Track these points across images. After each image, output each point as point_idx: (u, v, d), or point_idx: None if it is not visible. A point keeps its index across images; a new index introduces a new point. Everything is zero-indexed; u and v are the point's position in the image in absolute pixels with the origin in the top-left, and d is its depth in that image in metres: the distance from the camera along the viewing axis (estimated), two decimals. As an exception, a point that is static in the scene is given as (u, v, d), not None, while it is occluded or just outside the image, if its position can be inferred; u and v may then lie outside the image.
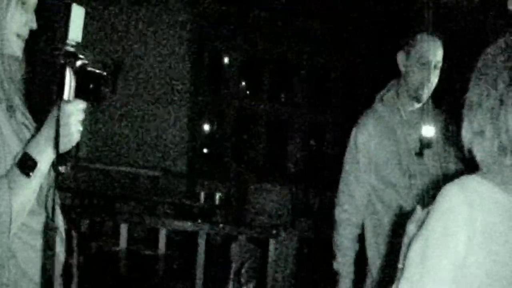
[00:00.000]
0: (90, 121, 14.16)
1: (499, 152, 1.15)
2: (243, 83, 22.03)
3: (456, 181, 1.15)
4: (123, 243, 4.93)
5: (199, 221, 5.10)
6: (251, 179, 11.44)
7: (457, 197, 1.11)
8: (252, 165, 19.07)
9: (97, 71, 1.30)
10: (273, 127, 21.47)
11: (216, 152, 20.32)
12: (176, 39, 16.75)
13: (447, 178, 1.22)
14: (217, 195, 11.64)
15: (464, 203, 1.10)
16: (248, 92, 22.02)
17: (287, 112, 21.52)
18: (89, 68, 1.29)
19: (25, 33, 1.37)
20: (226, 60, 21.50)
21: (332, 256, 2.45)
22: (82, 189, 9.64)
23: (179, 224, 4.79)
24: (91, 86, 1.30)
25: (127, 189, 11.78)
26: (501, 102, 1.15)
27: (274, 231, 4.53)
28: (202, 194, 12.10)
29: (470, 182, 1.14)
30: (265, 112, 21.51)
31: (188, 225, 4.66)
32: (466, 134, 1.21)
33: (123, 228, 4.91)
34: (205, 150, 20.24)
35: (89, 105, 1.36)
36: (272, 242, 4.42)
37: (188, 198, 12.53)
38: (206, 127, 20.76)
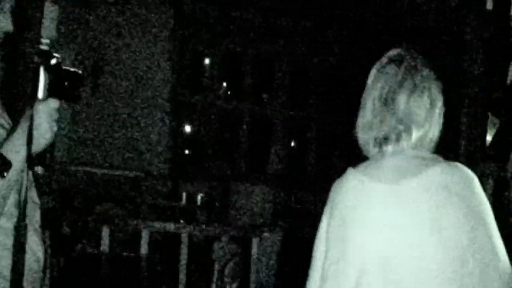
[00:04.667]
0: (71, 123, 14.04)
1: (382, 140, 1.39)
2: (225, 84, 22.01)
3: None
4: (105, 245, 4.89)
5: (182, 222, 5.08)
6: (233, 180, 11.45)
7: (333, 184, 1.45)
8: (234, 165, 19.05)
9: (72, 69, 1.28)
10: (255, 127, 21.48)
11: (198, 153, 20.26)
12: (157, 40, 16.70)
13: None
14: (199, 196, 11.62)
15: (332, 188, 1.43)
16: (229, 92, 22.01)
17: (269, 113, 21.55)
18: (64, 67, 1.27)
19: (0, 37, 1.35)
20: (207, 60, 21.47)
21: None
22: (63, 191, 9.55)
23: (161, 226, 4.77)
24: (66, 84, 1.28)
25: (109, 191, 11.70)
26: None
27: (257, 231, 4.53)
28: (184, 195, 12.06)
29: (346, 172, 1.43)
30: (247, 112, 21.51)
31: (170, 227, 4.65)
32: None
33: (105, 230, 4.87)
34: (186, 151, 20.17)
35: (64, 104, 1.34)
36: (255, 241, 4.41)
37: (170, 199, 12.50)
38: (188, 128, 20.69)
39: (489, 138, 6.90)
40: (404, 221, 1.34)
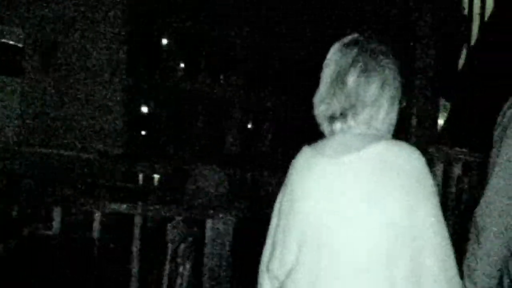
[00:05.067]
0: (22, 103, 13.68)
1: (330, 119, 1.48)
2: (181, 64, 21.79)
3: None
4: (56, 227, 4.81)
5: (135, 203, 5.02)
6: (190, 161, 11.41)
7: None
8: (190, 146, 18.96)
9: (12, 42, 1.22)
10: (211, 108, 21.39)
11: (155, 134, 20.05)
12: (111, 19, 16.38)
13: None
14: (155, 177, 11.54)
15: (290, 165, 1.55)
16: (186, 73, 21.82)
17: (225, 93, 21.48)
18: (3, 40, 1.21)
19: None
20: (163, 40, 21.18)
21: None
22: (14, 173, 9.34)
23: (114, 207, 4.71)
24: (3, 58, 1.22)
25: (62, 172, 11.49)
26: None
27: (211, 212, 4.52)
28: (140, 176, 11.97)
29: (301, 149, 1.54)
30: (203, 93, 21.39)
31: (123, 207, 4.59)
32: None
33: (56, 212, 4.79)
34: (143, 132, 19.94)
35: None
36: (209, 222, 4.41)
37: (126, 180, 12.37)
38: (143, 108, 20.43)
39: (441, 122, 7.05)
40: (342, 194, 1.40)
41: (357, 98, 1.45)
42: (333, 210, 1.40)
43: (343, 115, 1.46)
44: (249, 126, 21.99)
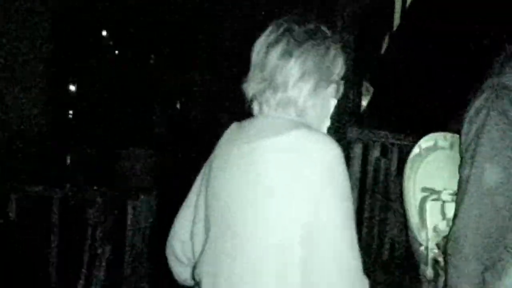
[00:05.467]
0: None
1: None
2: (111, 42, 21.21)
3: None
4: (-31, 211, 4.59)
5: (53, 185, 4.86)
6: (117, 142, 11.18)
7: None
8: (118, 128, 18.57)
9: None
10: (140, 89, 21.00)
11: (81, 114, 19.47)
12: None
13: None
14: (81, 159, 11.22)
15: None
16: (116, 52, 21.28)
17: (155, 74, 21.13)
18: None
19: None
20: (91, 18, 20.51)
21: None
22: None
23: (30, 189, 4.54)
24: None
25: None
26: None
27: (133, 194, 4.45)
28: (66, 158, 11.61)
29: (230, 126, 1.55)
30: (133, 74, 20.94)
31: (39, 190, 4.44)
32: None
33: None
34: (68, 112, 19.32)
35: None
36: (130, 204, 4.34)
37: (50, 162, 11.95)
38: (70, 87, 19.77)
39: (364, 104, 7.21)
40: (253, 183, 1.37)
41: (270, 83, 1.40)
42: (241, 198, 1.37)
43: (258, 97, 1.43)
44: (178, 106, 21.77)
